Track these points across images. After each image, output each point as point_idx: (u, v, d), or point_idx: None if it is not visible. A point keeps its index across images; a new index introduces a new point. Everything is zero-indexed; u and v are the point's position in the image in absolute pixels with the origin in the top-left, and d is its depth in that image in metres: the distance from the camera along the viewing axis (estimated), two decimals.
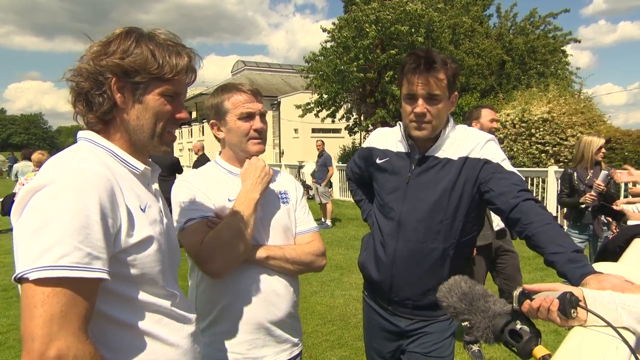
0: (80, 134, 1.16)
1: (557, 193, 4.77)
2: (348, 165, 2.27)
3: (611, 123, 12.06)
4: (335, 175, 14.35)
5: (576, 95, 14.14)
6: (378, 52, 15.26)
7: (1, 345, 4.19)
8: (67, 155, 1.06)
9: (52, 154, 1.14)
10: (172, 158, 8.25)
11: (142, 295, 1.10)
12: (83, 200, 0.95)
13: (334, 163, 13.52)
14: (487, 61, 19.49)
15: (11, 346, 4.16)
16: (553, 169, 8.89)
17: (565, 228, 4.79)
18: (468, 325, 1.09)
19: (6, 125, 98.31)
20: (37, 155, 5.70)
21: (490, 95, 18.31)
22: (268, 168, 1.68)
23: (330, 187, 11.17)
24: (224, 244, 1.49)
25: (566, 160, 10.14)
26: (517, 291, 1.07)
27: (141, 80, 1.11)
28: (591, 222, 4.52)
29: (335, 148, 20.70)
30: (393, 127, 1.94)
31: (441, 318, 1.83)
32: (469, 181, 1.71)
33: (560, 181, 4.79)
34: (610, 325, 0.92)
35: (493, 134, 2.56)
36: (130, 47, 1.10)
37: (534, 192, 9.48)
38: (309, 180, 12.00)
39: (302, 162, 14.91)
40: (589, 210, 4.44)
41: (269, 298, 1.63)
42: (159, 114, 1.15)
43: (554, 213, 8.28)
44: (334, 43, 16.41)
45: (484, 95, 18.54)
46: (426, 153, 1.77)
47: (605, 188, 4.27)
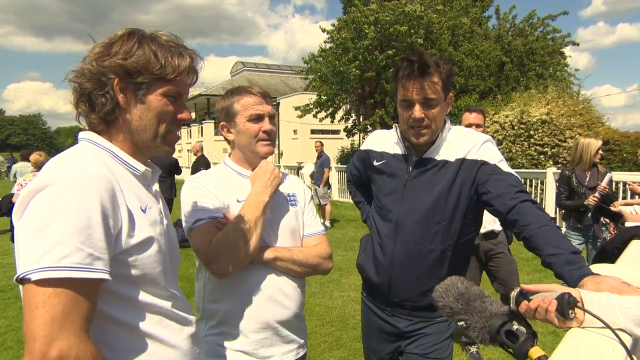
0: (81, 135, 1.16)
1: (556, 195, 4.77)
2: (347, 167, 2.28)
3: (610, 125, 12.12)
4: (334, 176, 14.35)
5: (575, 96, 14.17)
6: (376, 54, 15.25)
7: None
8: (69, 156, 1.06)
9: (51, 155, 1.15)
10: (171, 159, 8.25)
11: (143, 296, 1.10)
12: (84, 201, 0.95)
13: (333, 164, 13.52)
14: (486, 63, 19.50)
15: (9, 347, 4.15)
16: (552, 171, 8.90)
17: (563, 230, 4.79)
18: (464, 325, 1.08)
19: (5, 125, 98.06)
20: (35, 156, 5.68)
21: (489, 96, 18.30)
22: (278, 171, 1.70)
23: (329, 189, 11.16)
24: (231, 245, 1.49)
25: (565, 161, 10.16)
26: (515, 292, 1.07)
27: (144, 80, 1.11)
28: (592, 224, 4.52)
29: (334, 149, 20.70)
30: (390, 130, 1.94)
31: (440, 319, 1.83)
32: (466, 183, 1.71)
33: (558, 183, 4.79)
34: (607, 326, 0.93)
35: None
36: (132, 48, 1.10)
37: (533, 194, 9.49)
38: (308, 181, 12.00)
39: (301, 163, 14.88)
40: (590, 212, 4.45)
41: (277, 298, 1.64)
42: (162, 115, 1.16)
43: (553, 214, 8.29)
44: (333, 44, 16.41)
45: (483, 96, 18.54)
46: (423, 155, 1.77)
47: (608, 190, 4.28)
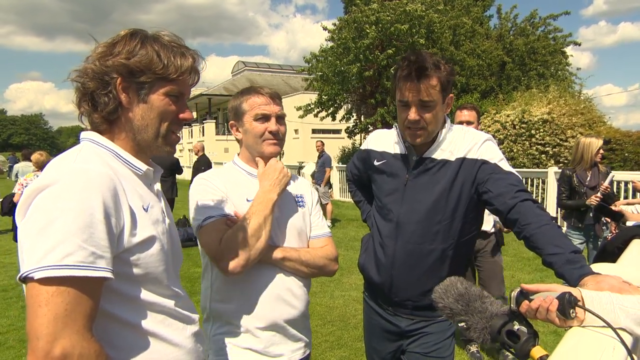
0: (83, 135, 1.16)
1: (557, 195, 4.76)
2: (347, 166, 2.28)
3: (611, 124, 12.06)
4: (335, 176, 14.34)
5: (576, 96, 14.13)
6: (377, 53, 15.24)
7: (1, 345, 4.19)
8: (71, 155, 1.06)
9: (53, 155, 1.15)
10: (172, 159, 8.25)
11: (146, 294, 1.11)
12: (87, 199, 0.95)
13: (334, 164, 13.50)
14: (488, 62, 19.47)
15: (11, 346, 4.16)
16: (553, 170, 8.89)
17: (564, 229, 4.79)
18: (464, 326, 1.08)
19: (7, 125, 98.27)
20: (36, 155, 5.67)
21: (490, 96, 18.28)
22: (286, 170, 1.69)
23: (330, 188, 11.16)
24: (242, 243, 1.49)
25: (566, 161, 10.13)
26: (515, 292, 1.07)
27: (146, 80, 1.12)
28: (592, 223, 4.52)
29: (335, 149, 20.68)
30: (390, 129, 1.94)
31: (441, 318, 1.83)
32: (467, 182, 1.71)
33: (558, 183, 4.78)
34: (609, 325, 0.92)
35: None
36: (135, 48, 1.11)
37: (534, 193, 9.49)
38: (309, 180, 12.01)
39: (302, 163, 14.87)
40: (591, 211, 4.45)
41: (285, 297, 1.64)
42: (164, 114, 1.16)
43: (554, 214, 8.28)
44: (334, 44, 16.40)
45: (484, 96, 18.52)
46: (423, 155, 1.77)
47: (610, 190, 4.28)
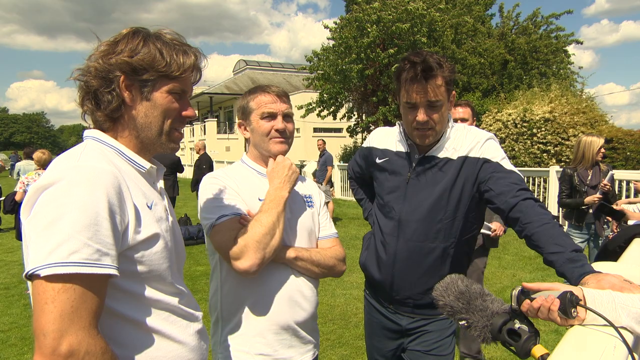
0: (86, 133, 1.17)
1: (558, 193, 4.76)
2: (349, 164, 2.28)
3: (613, 123, 12.03)
4: (336, 174, 14.34)
5: (578, 95, 14.10)
6: (379, 51, 15.21)
7: (3, 343, 4.21)
8: (75, 153, 1.07)
9: (55, 153, 1.15)
10: (173, 157, 8.26)
11: (150, 292, 1.11)
12: (92, 197, 0.96)
13: (335, 162, 13.50)
14: (489, 61, 19.45)
15: (13, 344, 4.18)
16: (555, 169, 8.88)
17: (565, 228, 4.78)
18: (465, 324, 1.08)
19: (9, 124, 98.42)
20: (38, 154, 5.67)
21: (492, 94, 18.27)
22: (295, 167, 1.68)
23: (331, 187, 11.16)
24: (257, 242, 1.47)
25: (568, 160, 10.12)
26: (516, 290, 1.06)
27: (149, 77, 1.13)
28: (593, 222, 4.51)
29: (336, 147, 20.68)
30: (392, 127, 1.94)
31: (442, 317, 1.83)
32: (469, 180, 1.71)
33: (559, 182, 4.78)
34: (610, 323, 0.92)
35: None
36: (138, 46, 1.12)
37: (536, 192, 9.48)
38: (311, 179, 12.01)
39: (304, 162, 14.87)
40: (592, 210, 4.44)
41: (296, 299, 1.64)
42: (167, 111, 1.17)
43: (556, 213, 8.27)
44: (336, 42, 16.37)
45: (486, 94, 18.51)
46: (426, 154, 1.77)
47: (611, 188, 4.27)
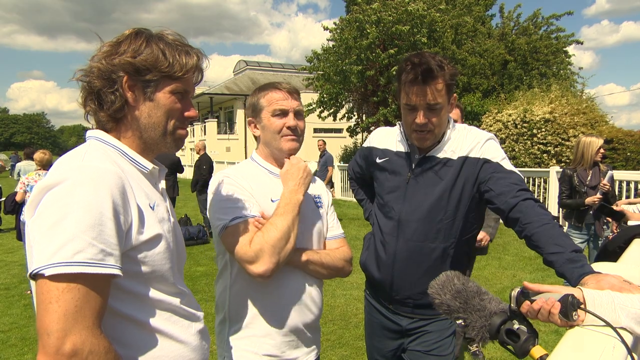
0: (89, 133, 1.17)
1: (558, 194, 4.76)
2: (349, 164, 2.28)
3: (613, 123, 12.03)
4: (337, 175, 14.34)
5: (578, 95, 14.09)
6: (379, 52, 15.21)
7: (3, 343, 4.21)
8: (79, 153, 1.07)
9: (55, 153, 1.15)
10: (173, 157, 8.25)
11: (153, 292, 1.12)
12: (96, 197, 0.96)
13: (336, 163, 13.50)
14: (490, 61, 19.46)
15: (13, 345, 4.18)
16: (555, 169, 8.87)
17: (565, 228, 4.78)
18: (462, 323, 1.08)
19: (9, 124, 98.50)
20: (40, 154, 5.68)
21: (492, 95, 18.27)
22: (309, 169, 1.67)
23: (331, 187, 11.17)
24: (272, 246, 1.44)
25: (568, 160, 10.12)
26: (516, 291, 1.06)
27: (152, 78, 1.13)
28: (593, 223, 4.51)
29: (337, 148, 20.68)
30: (393, 127, 1.95)
31: (442, 317, 1.83)
32: (469, 181, 1.71)
33: (559, 182, 4.79)
34: (612, 328, 0.92)
35: None
36: (141, 47, 1.12)
37: (536, 193, 9.47)
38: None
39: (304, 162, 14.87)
40: (591, 210, 4.44)
41: (305, 302, 1.64)
42: (170, 112, 1.17)
43: (556, 213, 8.26)
44: (336, 43, 16.37)
45: (486, 95, 18.51)
46: (426, 154, 1.77)
47: (610, 188, 4.27)
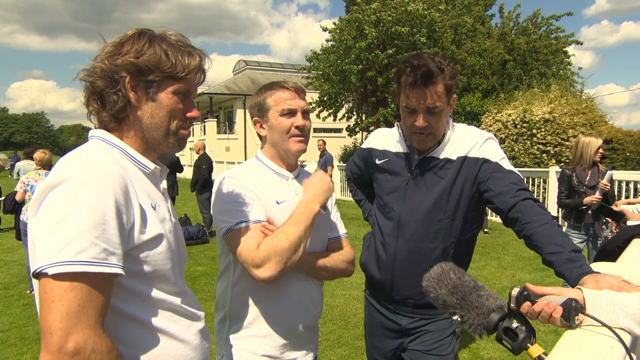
0: (92, 133, 1.18)
1: (557, 194, 4.77)
2: (347, 165, 2.28)
3: (613, 123, 12.03)
4: (336, 175, 14.34)
5: (578, 95, 14.09)
6: (378, 52, 15.21)
7: (2, 343, 4.21)
8: (82, 152, 1.07)
9: (54, 153, 1.15)
10: (172, 157, 8.24)
11: (154, 292, 1.12)
12: (99, 196, 0.97)
13: (335, 163, 13.50)
14: (489, 61, 19.45)
15: (12, 344, 4.18)
16: (554, 169, 8.87)
17: (564, 228, 4.79)
18: (459, 319, 1.07)
19: (8, 124, 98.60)
20: (40, 154, 5.68)
21: (491, 95, 18.27)
22: (332, 185, 1.65)
23: None
24: (280, 255, 1.43)
25: (567, 160, 10.12)
26: (516, 291, 1.05)
27: (155, 78, 1.14)
28: (592, 223, 4.52)
29: (336, 148, 20.69)
30: (392, 128, 1.95)
31: (442, 316, 1.84)
32: (468, 180, 1.72)
33: (558, 182, 4.79)
34: (615, 333, 0.92)
35: None
36: (144, 47, 1.12)
37: (535, 193, 9.48)
38: None
39: (304, 162, 14.87)
40: (590, 210, 4.45)
41: (305, 303, 1.64)
42: (173, 112, 1.18)
43: (555, 213, 8.27)
44: (335, 44, 16.38)
45: (486, 95, 18.51)
46: (426, 155, 1.77)
47: (610, 188, 4.27)
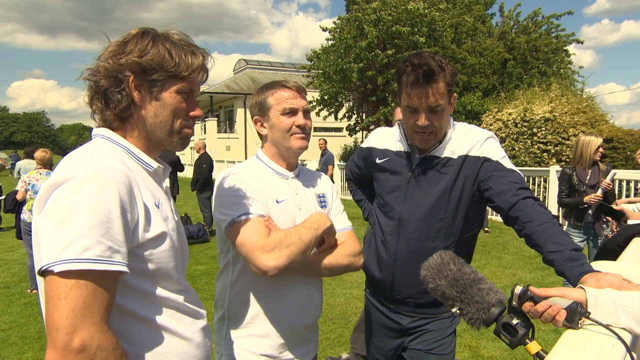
0: (95, 131, 1.18)
1: (557, 193, 4.77)
2: (347, 165, 2.27)
3: (614, 122, 12.03)
4: (337, 174, 14.34)
5: (578, 94, 14.08)
6: (378, 52, 15.21)
7: (3, 342, 4.22)
8: (86, 151, 1.08)
9: (55, 152, 1.15)
10: (173, 156, 8.25)
11: (158, 290, 1.13)
12: (104, 195, 0.97)
13: (336, 162, 13.49)
14: (489, 60, 19.45)
15: (13, 343, 4.18)
16: (555, 169, 8.87)
17: (564, 227, 4.79)
18: (458, 312, 1.07)
19: (9, 123, 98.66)
20: (41, 153, 5.68)
21: (492, 94, 18.26)
22: (334, 230, 1.65)
23: None
24: (292, 248, 1.43)
25: (568, 159, 10.12)
26: (519, 290, 1.05)
27: (158, 77, 1.14)
28: (593, 222, 4.52)
29: (336, 147, 20.68)
30: (392, 127, 1.95)
31: (443, 316, 1.85)
32: (469, 179, 1.72)
33: (559, 181, 4.79)
34: (617, 335, 0.92)
35: None
36: (147, 46, 1.13)
37: (536, 192, 9.48)
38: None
39: (304, 161, 14.87)
40: (591, 209, 4.44)
41: (304, 303, 1.64)
42: (176, 111, 1.18)
43: (555, 212, 8.27)
44: (335, 43, 16.38)
45: (486, 94, 18.50)
46: (427, 154, 1.77)
47: (611, 187, 4.27)
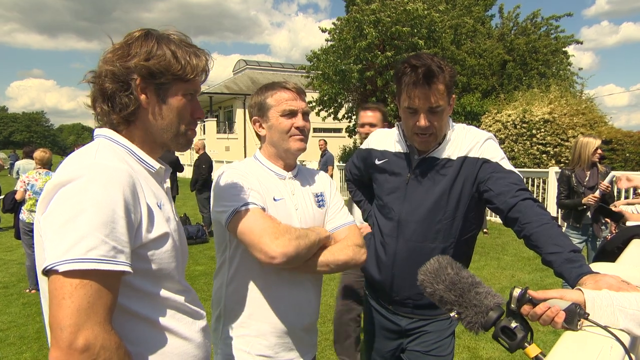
0: (97, 132, 1.18)
1: (556, 194, 4.78)
2: (346, 166, 2.27)
3: (613, 124, 12.03)
4: (337, 174, 14.35)
5: (578, 96, 14.09)
6: (377, 53, 15.22)
7: (2, 342, 4.21)
8: (90, 151, 1.08)
9: (54, 152, 1.15)
10: (172, 157, 8.26)
11: (160, 290, 1.13)
12: (109, 195, 0.97)
13: (335, 163, 13.50)
14: (489, 61, 19.48)
15: (11, 343, 4.18)
16: (554, 170, 8.88)
17: (563, 229, 4.79)
18: (456, 316, 1.06)
19: (8, 123, 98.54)
20: (40, 153, 5.68)
21: (491, 95, 18.28)
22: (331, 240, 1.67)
23: None
24: (298, 241, 1.44)
25: (567, 161, 10.12)
26: (517, 292, 1.04)
27: (165, 81, 1.14)
28: (591, 223, 4.52)
29: (336, 148, 20.68)
30: (391, 129, 1.95)
31: (441, 317, 1.84)
32: (468, 180, 1.72)
33: (557, 183, 4.80)
34: (615, 336, 0.92)
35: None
36: (152, 49, 1.12)
37: (535, 193, 9.48)
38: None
39: (304, 162, 14.87)
40: (589, 211, 4.45)
41: (302, 305, 1.64)
42: (182, 114, 1.19)
43: (554, 214, 8.27)
44: (334, 44, 16.38)
45: (486, 95, 18.53)
46: (426, 155, 1.77)
47: (610, 189, 4.28)
